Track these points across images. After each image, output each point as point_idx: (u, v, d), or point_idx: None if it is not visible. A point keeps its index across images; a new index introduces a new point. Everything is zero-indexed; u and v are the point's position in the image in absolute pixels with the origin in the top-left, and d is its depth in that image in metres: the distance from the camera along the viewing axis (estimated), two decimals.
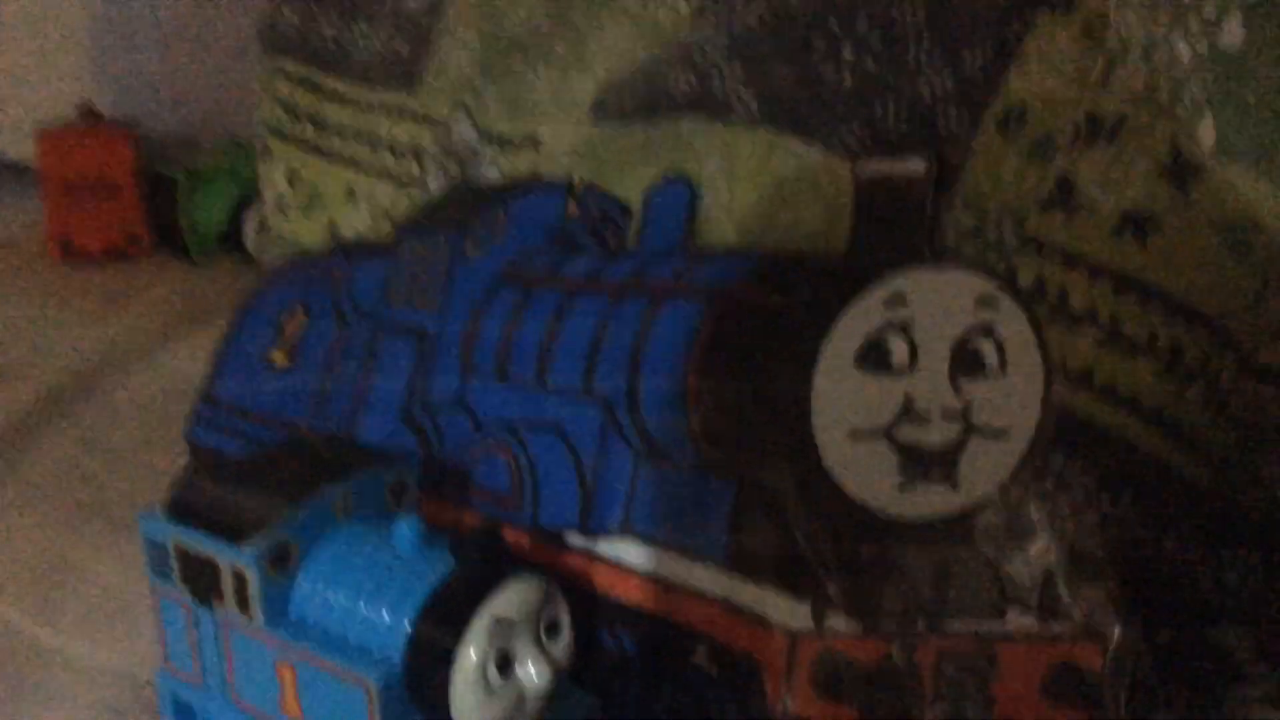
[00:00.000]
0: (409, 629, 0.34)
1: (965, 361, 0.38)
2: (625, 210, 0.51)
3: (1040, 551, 0.34)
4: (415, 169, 0.62)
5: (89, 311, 0.89)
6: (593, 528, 0.43)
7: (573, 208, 0.52)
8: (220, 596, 0.36)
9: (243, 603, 0.36)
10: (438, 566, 0.36)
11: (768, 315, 0.42)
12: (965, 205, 0.40)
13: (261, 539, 0.36)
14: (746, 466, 0.40)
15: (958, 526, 0.36)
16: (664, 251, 0.48)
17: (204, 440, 0.64)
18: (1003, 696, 0.34)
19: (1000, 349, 0.38)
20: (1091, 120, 0.38)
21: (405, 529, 0.37)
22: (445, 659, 0.33)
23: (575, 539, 0.44)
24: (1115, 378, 0.35)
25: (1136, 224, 0.36)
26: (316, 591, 0.36)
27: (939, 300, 0.39)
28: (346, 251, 0.63)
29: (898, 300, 0.40)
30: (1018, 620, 0.34)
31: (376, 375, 0.56)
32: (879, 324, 0.40)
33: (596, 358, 0.46)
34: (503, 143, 0.56)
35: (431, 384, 0.53)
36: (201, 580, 0.37)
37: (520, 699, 0.34)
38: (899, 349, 0.39)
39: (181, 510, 0.39)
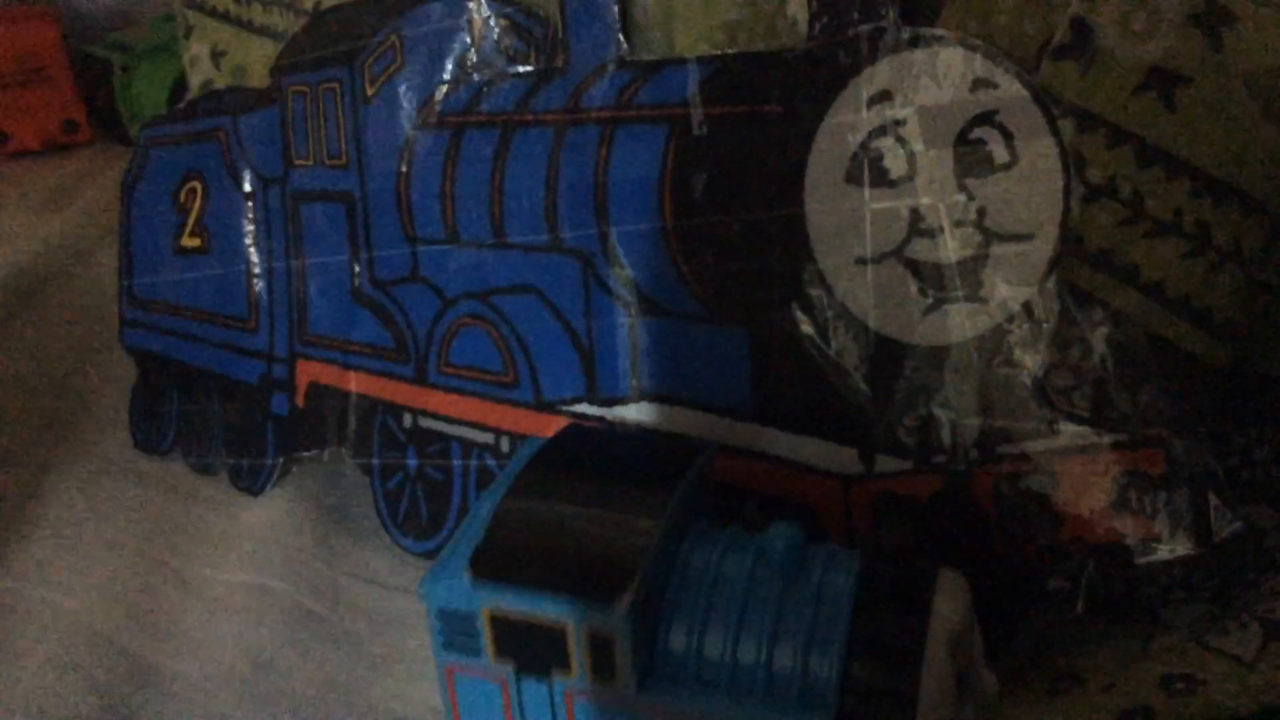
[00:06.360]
0: (840, 673, 0.28)
1: (971, 159, 0.35)
2: (539, 18, 0.44)
3: (1086, 357, 0.33)
4: None
5: (25, 215, 0.82)
6: (602, 395, 0.41)
7: (477, 22, 0.45)
8: (567, 667, 0.29)
9: (605, 670, 0.29)
10: (840, 582, 0.29)
11: (737, 133, 0.38)
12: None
13: (633, 590, 0.28)
14: (753, 311, 0.38)
15: (994, 344, 0.34)
16: (598, 67, 0.42)
17: (140, 344, 0.59)
18: (1069, 514, 0.34)
19: (1007, 137, 0.34)
20: None
21: (781, 541, 0.30)
22: (904, 706, 0.27)
23: (587, 409, 0.42)
24: (1138, 260, 0.33)
25: (1163, 81, 0.32)
26: (689, 638, 0.29)
27: (929, 89, 0.35)
28: (222, 104, 0.55)
29: (882, 97, 0.36)
30: (1072, 433, 0.33)
31: (308, 253, 0.51)
32: (866, 129, 0.36)
33: (555, 203, 0.42)
34: None
35: (375, 256, 0.48)
36: (536, 650, 0.30)
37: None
38: (894, 156, 0.36)
39: (494, 568, 0.30)
